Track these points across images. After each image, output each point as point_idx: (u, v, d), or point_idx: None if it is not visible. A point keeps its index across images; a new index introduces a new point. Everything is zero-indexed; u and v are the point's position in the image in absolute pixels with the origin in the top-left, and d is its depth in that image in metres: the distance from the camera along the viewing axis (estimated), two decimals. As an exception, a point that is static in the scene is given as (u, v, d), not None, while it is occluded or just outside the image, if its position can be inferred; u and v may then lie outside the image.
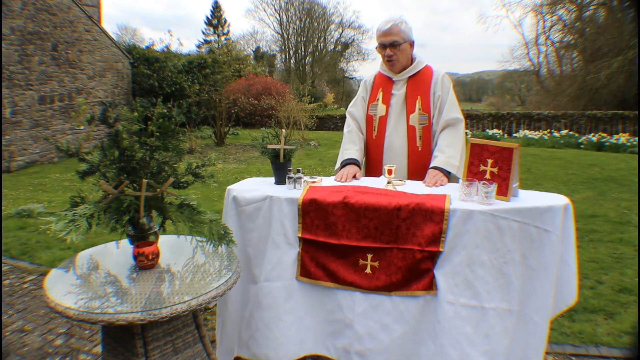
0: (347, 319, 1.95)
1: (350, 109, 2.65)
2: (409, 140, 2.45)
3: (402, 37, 2.39)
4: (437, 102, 2.43)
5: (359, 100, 2.63)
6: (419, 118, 2.43)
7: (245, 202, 2.10)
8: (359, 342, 1.93)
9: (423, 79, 2.47)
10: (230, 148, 12.11)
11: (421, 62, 2.51)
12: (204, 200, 6.12)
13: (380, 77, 2.58)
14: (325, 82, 37.42)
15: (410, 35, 2.44)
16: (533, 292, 1.78)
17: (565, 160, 9.82)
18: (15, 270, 3.85)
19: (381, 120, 2.51)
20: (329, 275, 1.97)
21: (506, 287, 1.78)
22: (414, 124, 2.44)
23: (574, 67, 26.89)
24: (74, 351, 2.64)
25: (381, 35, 2.42)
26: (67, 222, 1.52)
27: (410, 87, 2.47)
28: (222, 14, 33.83)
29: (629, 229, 4.76)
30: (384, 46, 2.42)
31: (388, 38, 2.39)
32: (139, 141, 1.71)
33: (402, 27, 2.39)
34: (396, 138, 2.47)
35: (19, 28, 9.45)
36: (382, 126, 2.50)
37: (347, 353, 1.96)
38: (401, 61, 2.45)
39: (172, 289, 1.58)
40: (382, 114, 2.50)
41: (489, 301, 1.77)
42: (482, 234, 1.77)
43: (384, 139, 2.50)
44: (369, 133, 2.56)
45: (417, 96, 2.44)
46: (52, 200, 6.51)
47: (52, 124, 10.56)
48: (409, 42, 2.44)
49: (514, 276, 1.77)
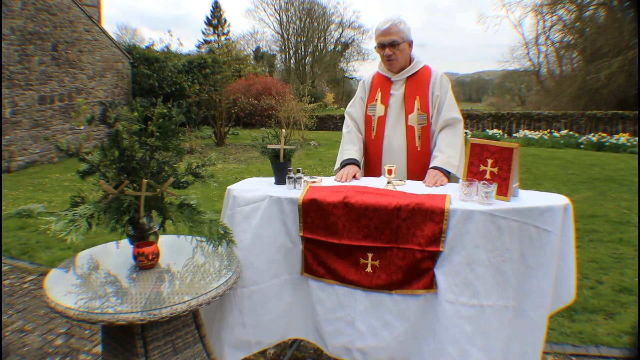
0: (349, 317, 1.97)
1: (348, 110, 2.65)
2: (408, 140, 2.45)
3: (400, 37, 2.40)
4: (436, 102, 2.43)
5: (358, 101, 2.63)
6: (418, 118, 2.43)
7: (246, 202, 2.09)
8: (360, 339, 1.94)
9: (421, 79, 2.48)
10: (230, 148, 12.11)
11: (419, 62, 2.51)
12: (204, 200, 6.13)
13: (378, 77, 2.58)
14: (325, 82, 37.44)
15: (409, 35, 2.44)
16: (531, 290, 1.79)
17: (565, 160, 9.82)
18: (15, 270, 3.85)
19: (380, 121, 2.51)
20: (331, 273, 1.99)
21: (503, 285, 1.79)
22: (412, 124, 2.44)
23: (574, 67, 26.91)
24: (74, 351, 2.64)
25: (380, 34, 2.42)
26: (67, 222, 1.53)
27: (409, 87, 2.48)
28: (222, 14, 33.86)
29: (629, 229, 4.76)
30: (383, 46, 2.42)
31: (387, 38, 2.40)
32: (139, 141, 1.71)
33: (401, 27, 2.39)
34: (395, 138, 2.47)
35: (19, 28, 9.46)
36: (380, 126, 2.51)
37: (348, 351, 1.97)
38: (400, 61, 2.45)
39: (172, 289, 1.58)
40: (381, 114, 2.51)
41: (487, 298, 1.79)
42: (482, 234, 1.78)
43: (382, 139, 2.50)
44: (368, 133, 2.56)
45: (415, 96, 2.45)
46: (52, 200, 6.51)
47: (52, 124, 10.56)
48: (407, 42, 2.44)
49: (511, 274, 1.78)
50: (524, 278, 1.79)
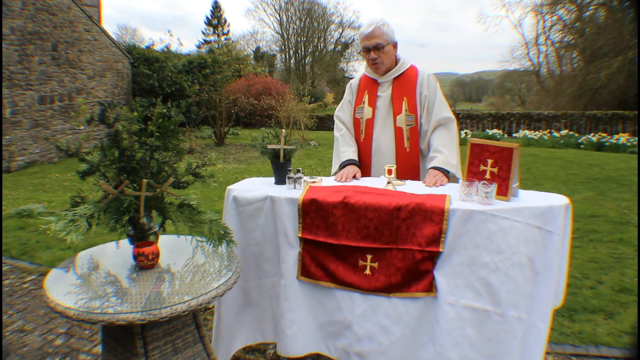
0: (347, 320, 1.95)
1: (337, 113, 2.66)
2: (397, 141, 2.46)
3: (385, 39, 2.40)
4: (425, 102, 2.44)
5: (346, 104, 2.64)
6: (406, 119, 2.44)
7: (246, 202, 2.11)
8: (358, 343, 1.93)
9: (408, 80, 2.48)
10: (230, 148, 12.11)
11: (405, 63, 2.51)
12: (204, 200, 6.12)
13: (365, 79, 2.59)
14: (325, 82, 37.42)
15: (393, 37, 2.44)
16: (538, 297, 1.74)
17: (565, 160, 9.82)
18: (15, 270, 3.85)
19: (368, 123, 2.51)
20: (329, 275, 1.97)
21: (514, 292, 1.73)
22: (401, 125, 2.45)
23: (574, 67, 26.89)
24: (74, 351, 2.64)
25: (364, 38, 2.42)
26: (67, 222, 1.52)
27: (396, 89, 2.48)
28: (222, 14, 33.85)
29: (629, 229, 4.76)
30: (368, 49, 2.43)
31: (371, 41, 2.40)
32: (139, 141, 1.71)
33: (385, 29, 2.39)
34: (384, 140, 2.48)
35: (19, 28, 9.45)
36: (369, 129, 2.51)
37: (346, 354, 1.96)
38: (385, 63, 2.45)
39: (172, 289, 1.58)
40: (369, 117, 2.51)
41: (495, 305, 1.74)
42: (482, 234, 1.76)
43: (371, 141, 2.51)
44: (357, 136, 2.57)
45: (403, 97, 2.45)
46: (52, 200, 6.51)
47: (52, 124, 10.56)
48: (392, 44, 2.44)
49: (522, 280, 1.72)
50: (532, 284, 1.74)
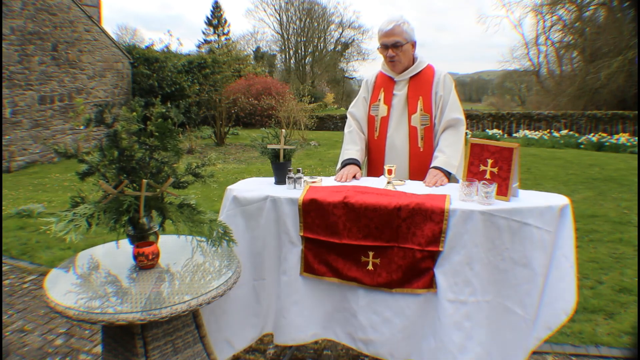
0: (352, 309, 2.01)
1: (351, 110, 2.65)
2: (411, 140, 2.45)
3: (404, 38, 2.38)
4: (439, 102, 2.42)
5: (361, 101, 2.62)
6: (421, 119, 2.43)
7: (247, 201, 2.11)
8: (362, 331, 1.99)
9: (425, 79, 2.46)
10: (230, 148, 12.11)
11: (423, 62, 2.50)
12: (204, 200, 6.12)
13: (381, 77, 2.57)
14: (325, 82, 37.43)
15: (413, 36, 2.42)
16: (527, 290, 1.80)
17: (565, 160, 9.82)
18: (15, 270, 3.85)
19: (383, 121, 2.50)
20: (333, 270, 2.00)
21: (502, 283, 1.82)
22: (415, 125, 2.44)
23: (574, 67, 26.89)
24: (74, 351, 2.64)
25: (383, 35, 2.40)
26: (67, 222, 1.52)
27: (412, 88, 2.47)
28: (222, 14, 33.86)
29: (629, 229, 4.76)
30: (386, 47, 2.41)
31: (390, 39, 2.38)
32: (138, 141, 1.71)
33: (404, 28, 2.37)
34: (398, 139, 2.47)
35: (19, 28, 9.45)
36: (383, 127, 2.50)
37: (353, 340, 2.03)
38: (403, 62, 2.44)
39: (172, 289, 1.58)
40: (384, 115, 2.50)
41: (484, 294, 1.81)
42: (481, 234, 1.79)
43: (385, 139, 2.50)
44: (371, 134, 2.56)
45: (418, 96, 2.44)
46: (52, 200, 6.51)
47: (52, 124, 10.55)
48: (411, 43, 2.42)
49: (522, 280, 1.80)
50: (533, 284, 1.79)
